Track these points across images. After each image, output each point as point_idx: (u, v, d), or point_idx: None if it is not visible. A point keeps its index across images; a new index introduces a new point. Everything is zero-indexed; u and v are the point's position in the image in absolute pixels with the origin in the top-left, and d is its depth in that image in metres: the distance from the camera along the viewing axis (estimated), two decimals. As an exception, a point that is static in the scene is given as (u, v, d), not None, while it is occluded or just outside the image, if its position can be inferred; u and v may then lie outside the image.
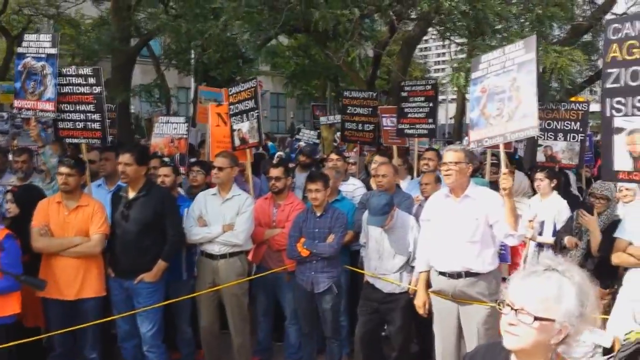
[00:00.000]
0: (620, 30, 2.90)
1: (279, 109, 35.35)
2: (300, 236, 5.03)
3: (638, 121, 2.86)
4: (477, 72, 4.44)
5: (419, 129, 7.49)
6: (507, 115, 4.05)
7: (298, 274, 5.11)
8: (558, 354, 1.90)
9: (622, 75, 2.90)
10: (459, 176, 4.24)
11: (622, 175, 2.96)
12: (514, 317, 1.84)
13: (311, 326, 5.14)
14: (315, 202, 5.08)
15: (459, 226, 4.23)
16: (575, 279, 1.85)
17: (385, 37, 12.43)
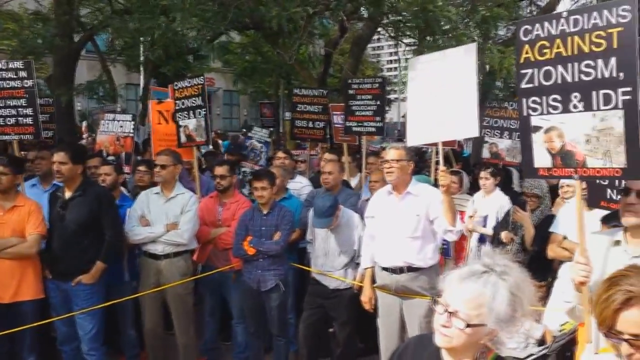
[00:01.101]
0: (531, 32, 2.98)
1: (232, 107, 35.01)
2: (247, 234, 5.00)
3: (553, 119, 2.94)
4: (416, 72, 4.52)
5: (367, 127, 7.56)
6: (446, 115, 4.15)
7: (244, 273, 5.08)
8: (489, 349, 1.95)
9: (535, 76, 2.97)
10: (400, 173, 4.34)
11: (542, 172, 3.06)
12: (447, 320, 1.88)
13: (258, 325, 5.13)
14: (261, 200, 5.07)
15: (401, 222, 4.33)
16: (510, 282, 1.89)
17: (335, 35, 12.51)
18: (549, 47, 2.92)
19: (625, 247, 2.80)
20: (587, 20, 2.78)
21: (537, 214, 5.12)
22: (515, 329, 1.91)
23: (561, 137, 2.94)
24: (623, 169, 2.74)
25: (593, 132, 2.82)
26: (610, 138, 2.77)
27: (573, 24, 2.83)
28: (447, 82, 4.16)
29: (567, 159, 2.94)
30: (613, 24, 2.68)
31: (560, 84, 2.91)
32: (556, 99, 2.93)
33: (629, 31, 2.63)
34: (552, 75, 2.93)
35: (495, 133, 7.31)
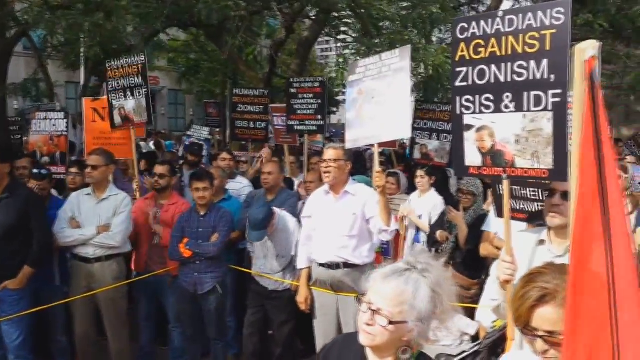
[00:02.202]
0: (467, 30, 2.96)
1: (177, 106, 34.35)
2: (183, 237, 4.90)
3: (485, 118, 2.94)
4: (354, 76, 4.57)
5: (309, 125, 7.57)
6: (381, 117, 4.19)
7: (181, 276, 4.98)
8: (411, 346, 1.98)
9: (469, 74, 2.97)
10: (338, 173, 4.40)
11: (473, 170, 3.08)
12: (370, 318, 1.91)
13: (195, 329, 5.03)
14: (202, 200, 4.98)
15: (338, 221, 4.39)
16: (431, 280, 1.93)
17: (280, 36, 12.46)
18: (484, 46, 2.90)
19: (549, 247, 2.87)
20: (522, 21, 2.77)
21: (471, 213, 5.24)
22: (435, 325, 1.95)
23: (492, 137, 2.94)
24: (550, 170, 2.76)
25: (523, 132, 2.82)
26: (539, 139, 2.79)
27: (508, 24, 2.82)
28: (382, 84, 4.21)
29: (497, 158, 2.94)
30: (547, 25, 2.69)
31: (493, 84, 2.90)
32: (489, 98, 2.92)
33: (562, 33, 2.64)
34: (486, 74, 2.91)
35: (424, 134, 7.48)
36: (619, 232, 1.16)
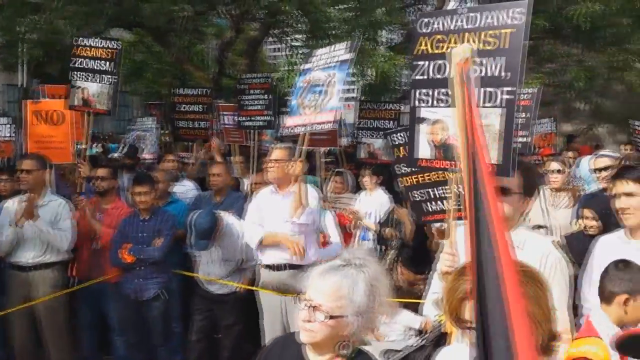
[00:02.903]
0: (429, 25, 3.00)
1: (123, 108, 33.46)
2: (125, 242, 4.77)
3: (440, 112, 2.97)
4: (307, 64, 4.61)
5: (258, 121, 7.53)
6: (318, 107, 4.20)
7: (123, 282, 4.85)
8: (350, 342, 2.00)
9: (428, 68, 2.99)
10: (281, 173, 4.39)
11: (423, 162, 3.11)
12: (310, 314, 1.93)
13: (139, 336, 4.91)
14: (143, 205, 4.86)
15: (282, 220, 4.35)
16: (368, 274, 1.97)
17: (227, 36, 12.33)
18: (444, 42, 2.92)
19: None
20: (483, 19, 2.80)
21: (417, 210, 5.30)
22: (373, 319, 1.99)
23: (444, 131, 2.96)
24: (496, 165, 2.82)
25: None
26: (489, 135, 2.84)
27: (469, 21, 2.85)
28: (327, 74, 4.25)
29: (447, 151, 2.96)
30: (507, 24, 2.72)
31: (450, 79, 2.95)
32: (445, 92, 2.93)
33: (520, 33, 2.67)
34: (444, 69, 2.93)
35: (370, 133, 7.55)
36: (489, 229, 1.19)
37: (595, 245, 3.22)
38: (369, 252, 2.14)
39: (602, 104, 13.60)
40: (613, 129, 16.43)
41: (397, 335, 4.13)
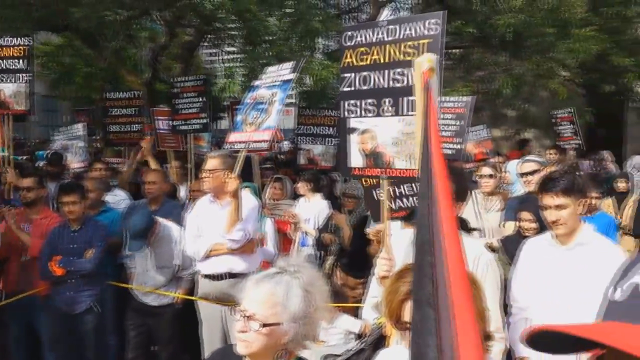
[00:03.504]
0: (353, 38, 3.10)
1: (51, 113, 32.15)
2: (54, 254, 4.58)
3: (368, 122, 3.08)
4: (257, 81, 4.67)
5: (193, 125, 7.42)
6: (257, 125, 4.22)
7: (54, 296, 4.65)
8: (290, 351, 1.98)
9: (354, 80, 3.10)
10: (215, 183, 4.34)
11: (356, 171, 3.20)
12: (245, 324, 1.89)
13: (72, 351, 4.71)
14: (71, 215, 4.68)
15: (221, 228, 4.29)
16: (303, 280, 1.95)
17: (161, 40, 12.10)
18: (368, 54, 3.03)
19: None
20: (402, 31, 2.92)
21: (355, 215, 5.38)
22: (312, 325, 1.97)
23: (373, 139, 3.07)
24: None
25: (400, 135, 2.96)
26: (414, 142, 2.94)
27: (390, 33, 2.96)
28: (270, 93, 4.31)
29: (377, 159, 3.07)
30: (423, 35, 2.84)
31: (375, 89, 3.03)
32: (371, 102, 3.05)
33: (436, 42, 2.79)
34: (369, 80, 3.04)
35: (308, 140, 7.60)
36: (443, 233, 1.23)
37: (523, 247, 3.35)
38: (305, 259, 2.15)
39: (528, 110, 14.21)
40: (539, 134, 17.22)
41: (337, 339, 4.16)
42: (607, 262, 2.85)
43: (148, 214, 4.73)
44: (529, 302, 3.12)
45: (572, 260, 2.98)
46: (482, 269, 2.76)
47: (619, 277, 0.71)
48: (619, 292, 0.69)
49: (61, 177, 6.92)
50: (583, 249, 2.98)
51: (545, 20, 9.37)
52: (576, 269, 2.93)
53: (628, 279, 0.68)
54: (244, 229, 4.24)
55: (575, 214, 3.01)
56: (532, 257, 3.19)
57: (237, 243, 4.27)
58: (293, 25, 8.58)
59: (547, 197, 3.04)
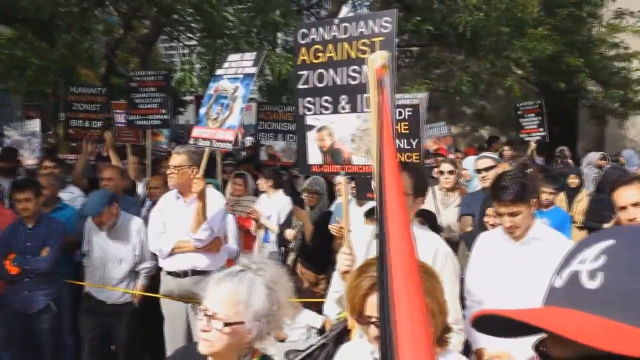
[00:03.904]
0: (307, 35, 3.10)
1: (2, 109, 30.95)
2: (9, 252, 4.45)
3: (325, 119, 3.10)
4: (219, 70, 4.56)
5: (152, 120, 7.29)
6: (220, 122, 4.19)
7: (9, 295, 4.51)
8: (254, 349, 1.98)
9: (310, 77, 3.11)
10: (181, 179, 4.30)
11: (315, 168, 3.22)
12: (207, 324, 1.87)
13: (28, 351, 4.59)
14: (25, 212, 4.55)
15: (187, 225, 4.27)
16: (266, 278, 1.94)
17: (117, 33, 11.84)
18: (323, 51, 3.04)
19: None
20: (355, 29, 2.94)
21: (317, 211, 5.41)
22: (276, 323, 1.97)
23: (331, 136, 3.09)
24: None
25: (357, 132, 2.99)
26: (370, 138, 2.99)
27: (344, 30, 2.98)
28: (233, 86, 4.25)
29: (336, 156, 3.09)
30: (376, 33, 2.87)
31: (331, 87, 3.05)
32: (328, 100, 3.07)
33: (389, 40, 2.83)
34: (325, 77, 3.05)
35: (269, 136, 7.56)
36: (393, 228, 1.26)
37: (477, 241, 3.42)
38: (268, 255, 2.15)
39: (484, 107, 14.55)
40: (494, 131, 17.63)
41: (300, 335, 4.18)
42: (559, 256, 2.96)
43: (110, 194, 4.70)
44: (484, 295, 3.19)
45: (525, 254, 3.07)
46: (441, 262, 2.82)
47: (561, 265, 0.76)
48: (559, 279, 0.73)
49: (15, 173, 6.69)
50: (536, 244, 3.08)
51: (501, 20, 9.59)
52: (529, 263, 3.02)
53: (568, 266, 0.73)
54: (210, 228, 4.22)
55: (528, 216, 3.09)
56: (487, 251, 3.27)
57: (203, 242, 4.25)
58: (252, 19, 8.54)
59: (499, 206, 3.12)
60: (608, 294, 0.66)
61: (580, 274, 0.70)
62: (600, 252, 0.70)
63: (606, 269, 0.68)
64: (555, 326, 0.65)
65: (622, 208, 3.19)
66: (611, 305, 0.66)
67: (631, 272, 0.66)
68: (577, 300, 0.69)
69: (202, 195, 4.07)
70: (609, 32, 13.24)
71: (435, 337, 1.90)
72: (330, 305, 4.50)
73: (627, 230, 0.77)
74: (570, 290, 0.71)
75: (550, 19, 11.03)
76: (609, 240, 0.71)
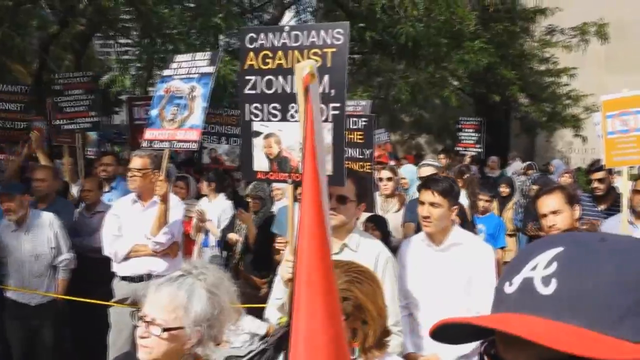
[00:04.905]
0: (255, 40, 3.06)
1: None
2: None
3: (272, 126, 3.07)
4: (167, 71, 4.47)
5: (81, 124, 7.05)
6: (178, 122, 4.12)
7: None
8: (196, 355, 1.95)
9: (258, 83, 3.06)
10: (143, 182, 4.25)
11: (261, 175, 3.18)
12: (145, 329, 1.84)
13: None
14: None
15: (144, 229, 4.22)
16: (208, 282, 1.91)
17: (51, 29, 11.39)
18: (272, 58, 3.01)
19: None
20: (307, 38, 2.93)
21: (260, 215, 5.39)
22: (218, 328, 1.94)
23: (279, 144, 3.06)
24: (329, 176, 2.96)
25: None
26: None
27: (294, 38, 2.96)
28: (188, 86, 4.21)
29: (283, 164, 3.06)
30: (328, 44, 2.87)
31: (280, 94, 3.01)
32: (276, 107, 3.03)
33: (341, 52, 2.85)
34: (274, 84, 3.02)
35: (213, 139, 7.45)
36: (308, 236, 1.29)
37: (402, 247, 3.49)
38: (209, 260, 2.11)
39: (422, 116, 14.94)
40: (431, 139, 18.13)
41: (241, 341, 4.15)
42: (478, 261, 3.09)
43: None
44: (410, 300, 3.26)
45: (445, 260, 3.17)
46: (382, 266, 2.88)
47: (510, 272, 0.78)
48: (509, 286, 0.76)
49: None
50: (456, 249, 3.18)
51: (440, 31, 9.88)
52: (449, 268, 3.13)
53: (519, 273, 0.75)
54: (171, 232, 4.15)
55: (446, 216, 3.18)
56: (410, 257, 3.34)
57: (163, 246, 4.19)
58: (193, 20, 8.42)
59: (425, 194, 3.20)
60: (562, 299, 0.70)
61: (533, 280, 0.73)
62: (551, 259, 0.73)
63: (558, 275, 0.71)
64: (523, 331, 0.67)
65: (543, 215, 3.36)
66: (566, 310, 0.69)
67: (582, 277, 0.70)
68: (533, 305, 0.71)
69: (165, 199, 4.00)
70: (541, 47, 13.88)
71: (375, 339, 1.94)
72: (271, 311, 4.50)
73: (574, 238, 0.79)
74: (524, 296, 0.73)
75: (486, 33, 11.45)
76: (558, 247, 0.74)
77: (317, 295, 1.21)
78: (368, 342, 1.92)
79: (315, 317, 1.19)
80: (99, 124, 7.29)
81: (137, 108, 7.64)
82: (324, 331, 1.18)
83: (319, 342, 1.17)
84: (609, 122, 4.42)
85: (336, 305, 1.26)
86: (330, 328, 1.21)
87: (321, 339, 1.17)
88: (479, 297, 2.98)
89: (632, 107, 4.25)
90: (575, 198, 3.48)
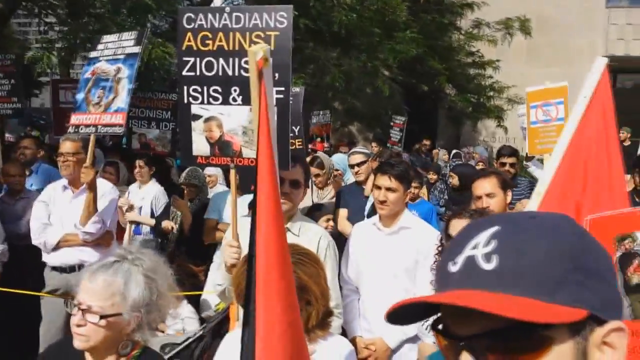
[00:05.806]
0: (194, 20, 2.97)
1: None
2: None
3: (213, 109, 3.00)
4: (94, 53, 4.31)
5: (2, 110, 6.68)
6: (104, 106, 3.98)
7: None
8: (135, 341, 1.93)
9: (197, 65, 2.98)
10: (77, 167, 4.06)
11: (201, 160, 3.11)
12: (81, 317, 1.80)
13: None
14: None
15: (75, 218, 4.08)
16: (144, 267, 1.89)
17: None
18: (212, 39, 2.93)
19: None
20: (249, 20, 2.87)
21: (197, 203, 5.32)
22: (157, 313, 1.93)
23: (220, 128, 2.99)
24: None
25: (249, 125, 2.89)
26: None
27: (235, 20, 2.89)
28: (114, 68, 4.10)
29: (225, 148, 3.00)
30: (271, 27, 2.84)
31: (221, 76, 2.94)
32: (217, 90, 2.96)
33: (285, 36, 2.82)
34: (214, 66, 2.94)
35: (143, 123, 7.21)
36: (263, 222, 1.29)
37: (352, 231, 3.58)
38: (144, 245, 2.06)
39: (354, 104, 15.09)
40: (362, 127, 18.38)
41: (177, 328, 4.11)
42: (426, 244, 3.21)
43: None
44: (359, 283, 3.34)
45: (394, 243, 3.26)
46: (323, 250, 2.93)
47: (452, 253, 0.82)
48: (453, 265, 0.80)
49: None
50: (405, 232, 3.29)
51: (373, 21, 10.00)
52: (398, 251, 3.23)
53: (461, 253, 0.80)
54: (102, 221, 4.01)
55: (401, 200, 3.30)
56: (360, 240, 3.42)
57: (93, 236, 4.05)
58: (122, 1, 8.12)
59: (382, 178, 3.28)
60: (504, 273, 0.75)
61: (476, 258, 0.78)
62: (490, 237, 0.79)
63: (499, 251, 0.77)
64: (476, 303, 0.72)
65: (478, 197, 3.54)
66: (509, 283, 0.75)
67: (520, 251, 0.76)
68: (478, 281, 0.77)
69: (92, 186, 3.86)
70: (467, 40, 14.37)
71: (318, 320, 1.99)
72: (208, 297, 4.47)
73: (507, 217, 0.86)
74: (469, 273, 0.78)
75: (416, 23, 11.72)
76: (494, 226, 0.80)
77: (276, 281, 1.22)
78: (311, 322, 1.97)
79: (276, 303, 1.21)
80: (22, 111, 6.90)
81: (63, 91, 7.29)
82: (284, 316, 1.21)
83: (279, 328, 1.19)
84: (532, 112, 4.67)
85: (293, 290, 1.28)
86: (291, 313, 1.23)
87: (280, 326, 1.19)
88: (422, 280, 3.08)
89: (554, 98, 4.52)
90: (508, 184, 3.67)
